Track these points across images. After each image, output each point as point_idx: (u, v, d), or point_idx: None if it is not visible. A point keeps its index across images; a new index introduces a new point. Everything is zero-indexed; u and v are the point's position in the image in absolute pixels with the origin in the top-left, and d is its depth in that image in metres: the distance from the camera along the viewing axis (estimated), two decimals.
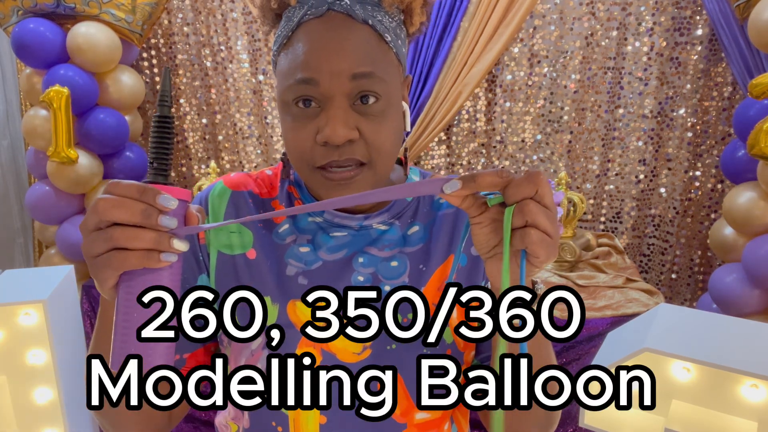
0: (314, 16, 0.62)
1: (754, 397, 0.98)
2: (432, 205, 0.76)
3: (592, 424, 1.12)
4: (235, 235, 0.73)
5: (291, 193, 0.76)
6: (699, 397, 1.03)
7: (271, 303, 0.70)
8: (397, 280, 0.71)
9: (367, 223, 0.73)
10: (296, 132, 0.63)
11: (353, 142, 0.62)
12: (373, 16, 0.63)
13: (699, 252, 2.43)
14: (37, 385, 1.45)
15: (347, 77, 0.60)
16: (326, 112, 0.61)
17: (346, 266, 0.71)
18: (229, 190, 0.75)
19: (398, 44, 0.66)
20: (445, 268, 0.73)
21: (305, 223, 0.73)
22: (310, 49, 0.61)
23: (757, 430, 0.97)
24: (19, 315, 1.41)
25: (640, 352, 1.03)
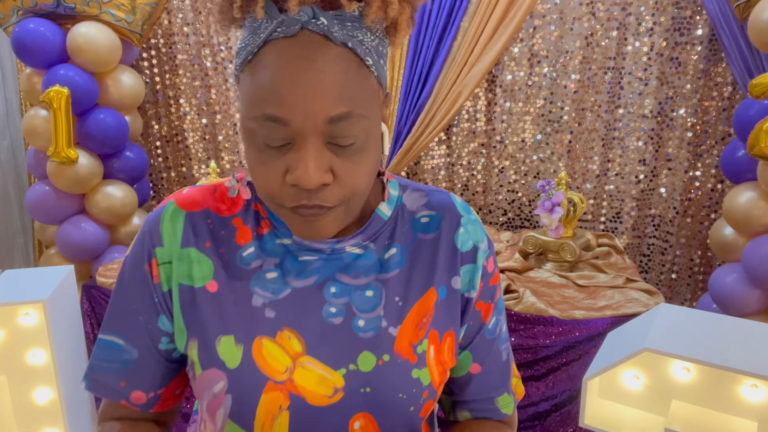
0: (285, 36, 0.53)
1: (754, 397, 0.98)
2: (411, 224, 0.70)
3: (592, 424, 1.12)
4: (197, 264, 0.66)
5: (257, 212, 0.68)
6: (699, 397, 1.03)
7: (234, 344, 0.63)
8: (371, 314, 0.65)
9: (340, 247, 0.66)
10: (263, 167, 0.56)
11: (326, 185, 0.56)
12: (353, 37, 0.54)
13: (699, 252, 2.43)
14: (37, 385, 1.45)
15: (323, 120, 0.53)
16: (297, 152, 0.54)
17: (316, 296, 0.65)
18: (183, 211, 0.67)
19: (380, 65, 0.58)
20: (426, 302, 0.67)
21: (272, 246, 0.66)
22: (279, 81, 0.53)
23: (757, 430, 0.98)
24: (19, 315, 1.41)
25: (640, 352, 1.03)
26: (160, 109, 2.75)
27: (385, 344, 0.65)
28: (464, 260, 0.69)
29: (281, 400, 0.62)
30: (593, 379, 1.10)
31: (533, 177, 2.55)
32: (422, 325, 0.66)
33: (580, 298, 1.82)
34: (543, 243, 2.03)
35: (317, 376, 0.63)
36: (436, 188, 0.74)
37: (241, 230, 0.67)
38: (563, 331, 1.70)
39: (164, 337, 0.68)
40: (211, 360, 0.64)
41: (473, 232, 0.71)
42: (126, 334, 0.68)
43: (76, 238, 2.32)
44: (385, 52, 0.60)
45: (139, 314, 0.67)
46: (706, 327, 1.10)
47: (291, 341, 0.64)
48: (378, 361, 0.64)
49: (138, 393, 0.69)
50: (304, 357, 0.63)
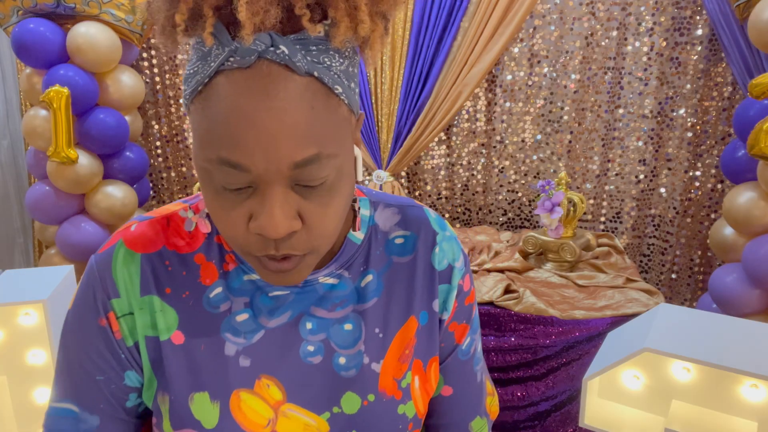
0: (239, 66, 0.45)
1: (754, 397, 0.98)
2: (386, 246, 0.65)
3: (592, 424, 1.12)
4: (159, 314, 0.58)
5: (221, 245, 0.61)
6: (699, 397, 1.03)
7: (209, 401, 0.57)
8: (352, 350, 0.61)
9: (312, 278, 0.61)
10: (223, 212, 0.49)
11: (295, 232, 0.50)
12: (319, 63, 0.46)
13: (699, 252, 2.43)
14: (37, 385, 1.45)
15: (287, 166, 0.46)
16: (261, 198, 0.48)
17: (292, 334, 0.60)
18: (136, 253, 0.59)
19: (350, 90, 0.50)
20: (407, 332, 0.63)
21: (239, 283, 0.60)
22: (234, 122, 0.45)
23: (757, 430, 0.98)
24: (19, 315, 1.41)
25: (640, 352, 1.03)
26: (160, 109, 2.75)
27: (369, 383, 0.61)
28: (440, 280, 0.66)
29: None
30: (593, 379, 1.10)
31: (533, 177, 2.55)
32: (405, 357, 0.63)
33: (580, 298, 1.82)
34: (543, 243, 2.03)
35: (301, 424, 0.59)
36: (409, 201, 0.68)
37: (206, 268, 0.60)
38: (563, 331, 1.70)
39: (132, 394, 0.61)
40: (184, 420, 0.57)
41: (448, 250, 0.66)
42: (82, 400, 0.59)
43: (76, 238, 2.32)
44: (355, 72, 0.52)
45: (97, 375, 0.59)
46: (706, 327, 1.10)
47: (270, 389, 0.59)
48: (363, 402, 0.60)
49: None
50: (285, 405, 0.59)
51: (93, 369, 0.59)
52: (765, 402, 0.97)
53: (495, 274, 1.96)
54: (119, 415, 0.61)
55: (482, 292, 1.80)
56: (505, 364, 1.76)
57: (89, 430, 0.60)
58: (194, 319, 0.59)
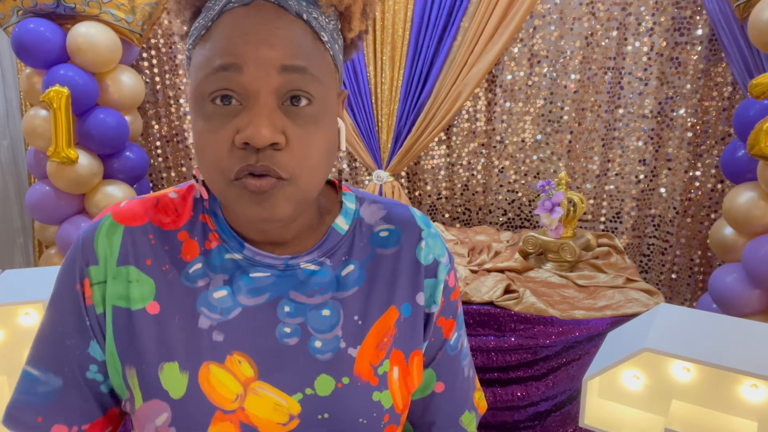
0: (239, 4, 0.53)
1: (754, 397, 0.98)
2: (370, 238, 0.66)
3: (592, 424, 1.12)
4: (134, 285, 0.60)
5: (205, 224, 0.63)
6: (699, 397, 1.03)
7: (178, 371, 0.58)
8: (329, 334, 0.61)
9: (294, 263, 0.62)
10: (211, 134, 0.53)
11: (277, 150, 0.52)
12: (308, 12, 0.54)
13: (699, 252, 2.43)
14: None
15: (276, 68, 0.51)
16: (249, 110, 0.52)
17: (269, 315, 0.60)
18: (121, 225, 0.61)
19: (335, 48, 0.57)
20: (386, 321, 0.64)
21: (221, 261, 0.61)
22: (233, 35, 0.52)
23: (757, 430, 0.98)
24: (19, 315, 1.41)
25: (640, 352, 1.03)
26: (160, 109, 2.75)
27: (344, 366, 0.61)
28: (426, 274, 0.67)
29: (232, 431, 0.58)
30: (593, 379, 1.10)
31: (533, 177, 2.55)
32: (383, 345, 0.63)
33: (580, 298, 1.82)
34: (543, 243, 2.03)
35: (271, 402, 0.58)
36: (394, 201, 0.71)
37: (188, 244, 0.62)
38: (563, 331, 1.70)
39: (93, 365, 0.62)
40: (152, 390, 0.58)
41: (434, 246, 0.68)
42: (48, 363, 0.62)
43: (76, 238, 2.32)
44: (340, 42, 0.59)
45: (66, 338, 0.61)
46: (706, 327, 1.10)
47: (242, 365, 0.59)
48: (337, 384, 0.60)
49: (59, 427, 0.61)
50: (256, 382, 0.59)
51: (64, 332, 0.61)
52: (765, 402, 0.97)
53: (495, 274, 1.96)
54: (80, 383, 0.62)
55: (482, 292, 1.80)
56: (505, 364, 1.76)
57: (50, 392, 0.61)
58: (171, 292, 0.60)
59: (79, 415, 0.62)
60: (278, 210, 0.54)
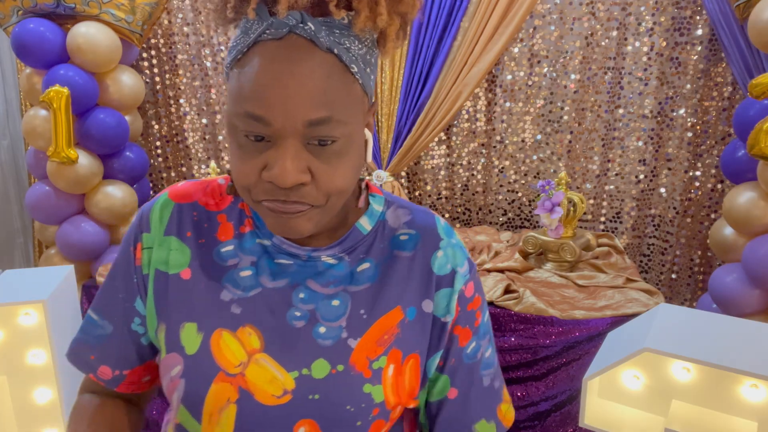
0: (273, 38, 0.55)
1: (754, 397, 0.98)
2: (391, 241, 0.70)
3: (592, 424, 1.12)
4: (174, 252, 0.69)
5: (242, 211, 0.70)
6: (699, 397, 1.03)
7: (195, 331, 0.65)
8: (334, 323, 0.65)
9: (316, 255, 0.67)
10: (242, 163, 0.58)
11: (303, 185, 0.57)
12: (339, 44, 0.55)
13: (699, 252, 2.43)
14: (37, 385, 1.45)
15: (302, 123, 0.54)
16: (276, 150, 0.56)
17: (284, 298, 0.66)
18: (173, 202, 0.70)
19: (366, 73, 0.59)
20: (390, 319, 0.67)
21: (251, 245, 0.68)
22: (263, 82, 0.54)
23: (757, 430, 0.98)
24: (19, 315, 1.41)
25: (640, 352, 1.03)
26: (160, 109, 2.75)
27: (341, 354, 0.65)
28: (441, 284, 0.69)
29: (230, 393, 0.64)
30: (593, 379, 1.10)
31: (533, 177, 2.56)
32: (383, 341, 0.66)
33: (580, 298, 1.82)
34: (543, 243, 2.03)
35: (269, 374, 0.64)
36: (423, 208, 0.74)
37: (224, 226, 0.70)
38: (563, 331, 1.70)
39: (137, 318, 0.71)
40: (173, 344, 0.66)
41: (452, 256, 0.70)
42: (104, 311, 0.72)
43: (76, 238, 2.32)
44: (373, 62, 0.61)
45: (120, 292, 0.71)
46: (706, 327, 1.10)
47: (251, 338, 0.65)
48: (331, 370, 0.64)
49: (105, 368, 0.72)
50: (260, 354, 0.64)
51: (118, 286, 0.71)
52: (765, 402, 0.97)
53: (495, 274, 1.96)
54: (125, 333, 0.72)
55: None
56: (505, 364, 1.76)
57: (102, 336, 0.72)
58: (203, 263, 0.68)
59: (122, 360, 0.72)
60: (300, 229, 0.60)
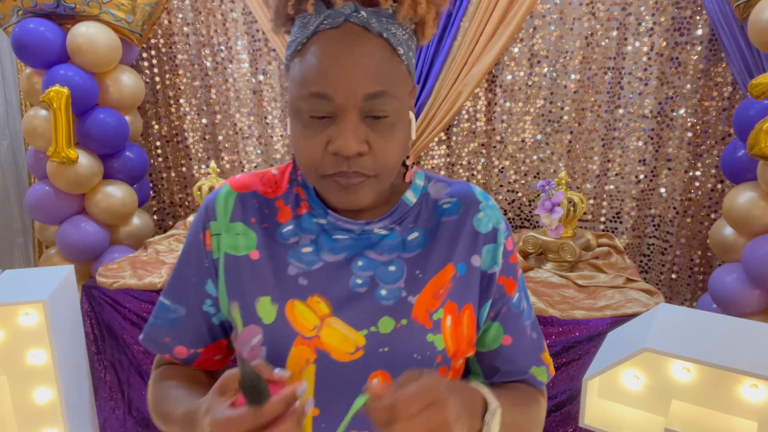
0: (330, 27, 0.63)
1: (754, 397, 0.98)
2: (434, 210, 0.78)
3: (592, 424, 1.12)
4: (241, 236, 0.76)
5: (298, 195, 0.78)
6: (699, 397, 1.03)
7: (270, 303, 0.72)
8: (393, 285, 0.72)
9: (369, 228, 0.75)
10: (307, 140, 0.66)
11: (362, 155, 0.65)
12: (387, 29, 0.64)
13: (699, 252, 2.43)
14: (37, 385, 1.45)
15: (361, 97, 0.62)
16: (338, 125, 0.64)
17: (345, 269, 0.73)
18: (235, 192, 0.78)
19: (409, 56, 0.68)
20: (443, 276, 0.74)
21: (309, 224, 0.76)
22: (325, 64, 0.62)
23: (757, 430, 0.98)
24: (19, 315, 1.41)
25: (640, 352, 1.03)
26: (160, 109, 2.75)
27: (403, 310, 0.71)
28: (486, 241, 0.77)
29: (308, 354, 0.70)
30: (593, 379, 1.10)
31: (533, 177, 2.55)
32: (439, 295, 0.73)
33: (580, 298, 1.82)
34: (543, 243, 2.03)
35: (341, 335, 0.70)
36: (458, 180, 0.84)
37: (283, 210, 0.77)
38: (563, 331, 1.70)
39: (208, 299, 0.77)
40: (250, 318, 0.73)
41: (492, 216, 0.78)
42: (176, 296, 0.79)
43: (76, 238, 2.32)
44: (414, 47, 0.70)
45: (191, 277, 0.78)
46: (706, 327, 1.10)
47: (319, 305, 0.71)
48: (396, 325, 0.70)
49: (180, 348, 0.79)
50: (330, 318, 0.71)
51: (189, 272, 0.78)
52: (765, 402, 0.97)
53: None
54: (198, 314, 0.78)
55: None
56: None
57: (176, 319, 0.79)
58: (268, 244, 0.75)
59: (196, 339, 0.79)
60: (362, 199, 0.68)
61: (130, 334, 2.00)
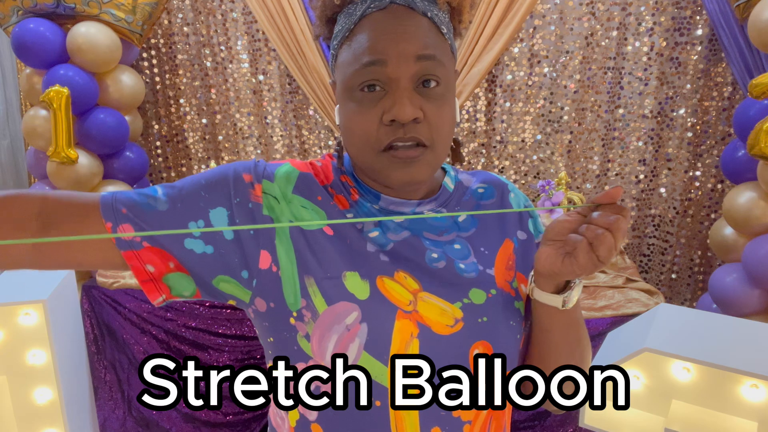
0: (377, 9, 0.65)
1: (754, 397, 0.98)
2: (472, 194, 0.81)
3: (592, 424, 1.12)
4: (308, 211, 0.72)
5: (345, 182, 0.77)
6: (699, 397, 1.03)
7: (360, 279, 0.69)
8: (466, 260, 0.73)
9: (419, 210, 0.75)
10: (362, 115, 0.66)
11: (417, 122, 0.65)
12: (431, 10, 0.67)
13: (699, 252, 2.43)
14: (37, 385, 1.45)
15: (413, 58, 0.64)
16: (392, 94, 0.64)
17: (417, 245, 0.73)
18: (297, 170, 0.74)
19: (451, 38, 0.71)
20: (506, 250, 0.77)
21: (366, 209, 0.75)
22: (375, 35, 0.64)
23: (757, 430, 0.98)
24: (19, 315, 1.41)
25: (640, 352, 1.03)
26: (160, 109, 2.75)
27: (488, 282, 0.72)
28: (527, 216, 0.81)
29: (411, 328, 0.68)
30: None
31: (533, 177, 2.55)
32: (510, 266, 0.75)
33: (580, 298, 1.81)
34: None
35: (438, 308, 0.69)
36: (478, 170, 0.86)
37: (337, 197, 0.75)
38: None
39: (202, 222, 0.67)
40: (339, 295, 0.67)
41: (519, 195, 0.83)
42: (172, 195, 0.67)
43: None
44: (452, 32, 0.72)
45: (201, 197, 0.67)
46: (706, 327, 1.10)
47: (407, 280, 0.70)
48: (488, 295, 0.71)
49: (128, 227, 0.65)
50: (422, 293, 0.70)
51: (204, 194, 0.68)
52: (765, 402, 0.97)
53: None
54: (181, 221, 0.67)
55: None
56: None
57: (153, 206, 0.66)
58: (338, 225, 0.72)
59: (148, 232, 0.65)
60: (420, 173, 0.67)
61: (130, 334, 2.00)
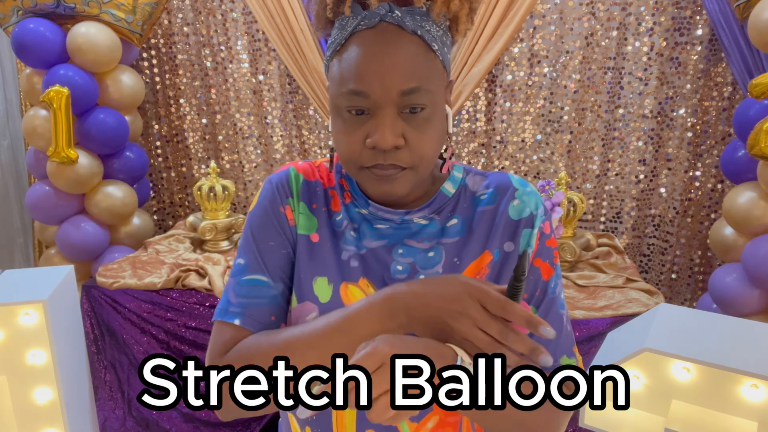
0: (367, 27, 0.66)
1: (754, 397, 0.98)
2: (472, 200, 0.81)
3: (592, 425, 1.12)
4: (304, 216, 0.80)
5: (342, 185, 0.83)
6: (699, 397, 1.03)
7: (326, 284, 0.76)
8: (431, 270, 0.76)
9: (408, 218, 0.78)
10: (347, 135, 0.69)
11: (399, 149, 0.67)
12: (421, 27, 0.67)
13: (699, 252, 2.43)
14: (37, 385, 1.45)
15: (396, 93, 0.65)
16: (375, 120, 0.67)
17: (386, 255, 0.77)
18: (301, 176, 0.82)
19: (444, 51, 0.70)
20: (480, 262, 0.77)
21: (354, 213, 0.80)
22: (362, 63, 0.66)
23: (757, 430, 0.98)
24: (19, 315, 1.41)
25: (640, 352, 1.03)
26: (160, 109, 2.75)
27: None
28: (524, 226, 0.79)
29: None
30: None
31: (533, 177, 2.55)
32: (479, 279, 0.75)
33: (580, 298, 1.82)
34: None
35: None
36: (496, 172, 0.87)
37: (335, 199, 0.82)
38: None
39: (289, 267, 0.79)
40: (306, 295, 0.76)
41: (528, 202, 0.80)
42: (269, 271, 0.78)
43: (76, 238, 2.32)
44: (448, 43, 0.72)
45: (281, 249, 0.79)
46: (706, 327, 1.10)
47: (368, 288, 0.76)
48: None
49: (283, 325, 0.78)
50: None
51: (276, 245, 0.79)
52: (765, 402, 0.97)
53: None
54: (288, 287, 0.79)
55: None
56: None
57: (276, 296, 0.78)
58: (327, 230, 0.80)
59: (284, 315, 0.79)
60: (398, 189, 0.70)
61: (130, 333, 2.00)
